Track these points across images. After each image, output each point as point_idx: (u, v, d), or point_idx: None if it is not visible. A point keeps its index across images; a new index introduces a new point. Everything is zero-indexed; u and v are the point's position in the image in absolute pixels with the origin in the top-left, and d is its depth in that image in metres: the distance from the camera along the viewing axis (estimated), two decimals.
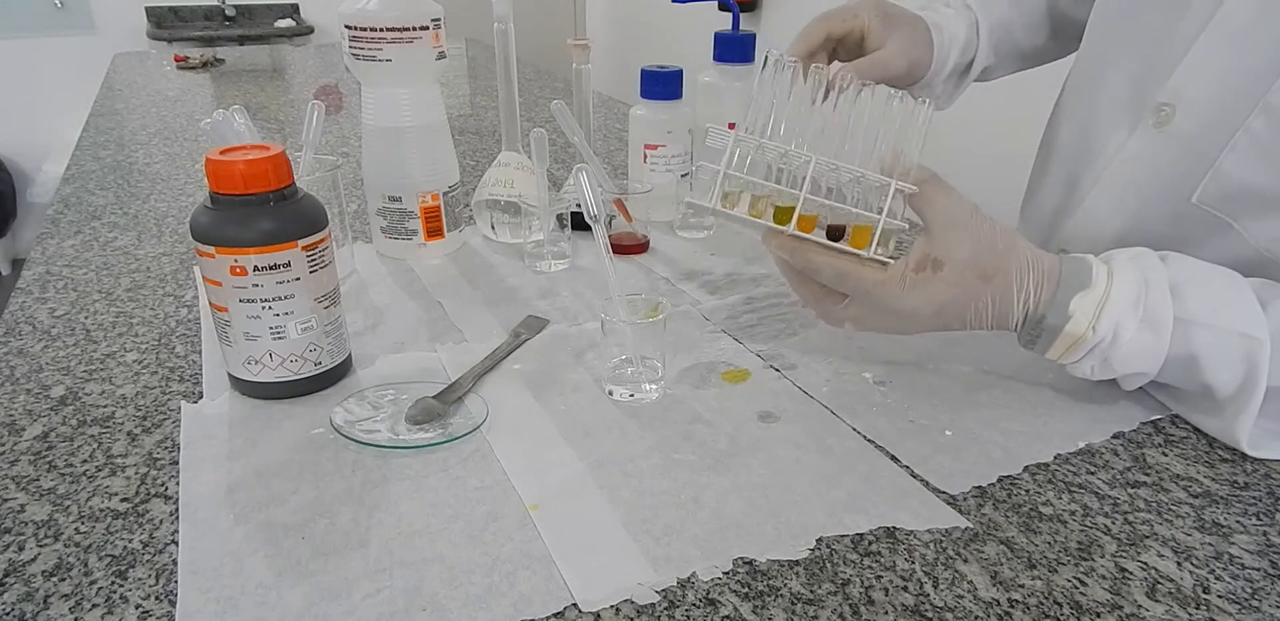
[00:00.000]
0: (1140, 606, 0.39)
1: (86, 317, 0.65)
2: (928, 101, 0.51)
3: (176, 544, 0.42)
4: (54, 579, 0.40)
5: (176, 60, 1.79)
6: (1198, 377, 0.48)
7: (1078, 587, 0.40)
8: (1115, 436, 0.51)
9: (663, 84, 0.79)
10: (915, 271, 0.49)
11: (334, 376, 0.55)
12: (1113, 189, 0.60)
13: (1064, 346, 0.49)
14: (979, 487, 0.46)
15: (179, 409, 0.53)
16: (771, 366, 0.58)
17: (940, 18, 0.68)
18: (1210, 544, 0.42)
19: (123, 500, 0.45)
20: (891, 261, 0.50)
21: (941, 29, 0.67)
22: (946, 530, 0.43)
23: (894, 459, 0.48)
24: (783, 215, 0.51)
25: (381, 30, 0.67)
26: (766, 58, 0.51)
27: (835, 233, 0.51)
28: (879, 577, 0.40)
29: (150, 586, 0.39)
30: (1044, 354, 0.50)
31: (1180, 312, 0.47)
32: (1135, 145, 0.58)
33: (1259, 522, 0.44)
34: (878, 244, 0.50)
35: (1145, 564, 0.41)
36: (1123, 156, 0.59)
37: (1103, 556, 0.41)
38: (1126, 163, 0.59)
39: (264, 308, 0.50)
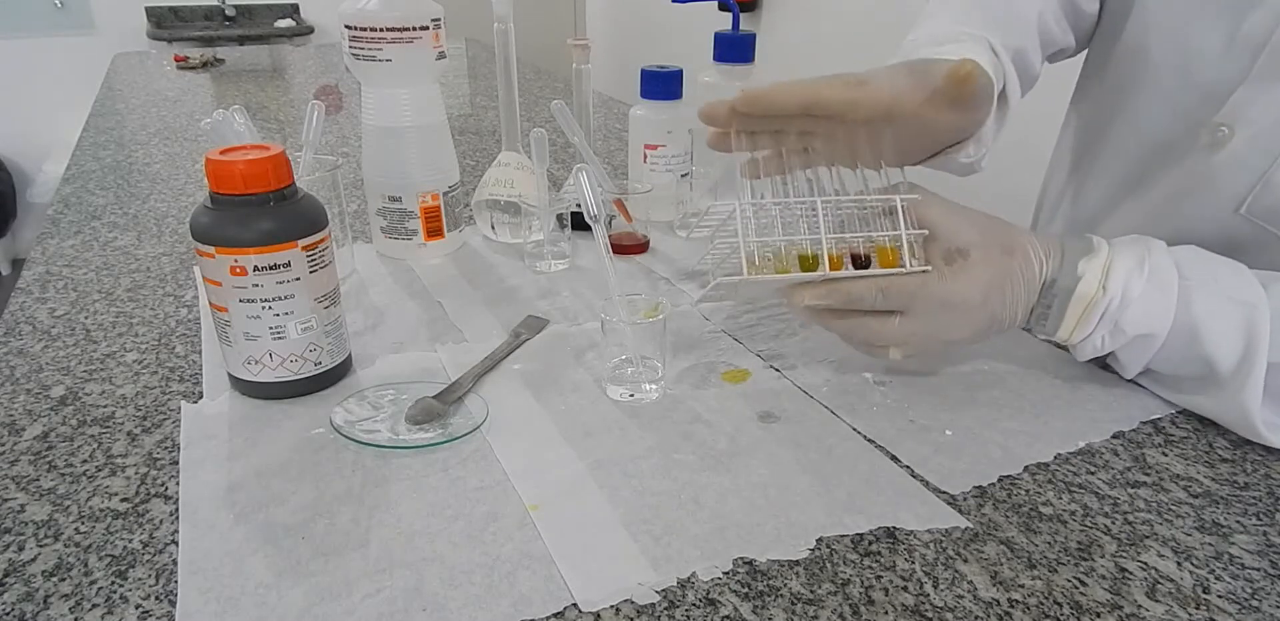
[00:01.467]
0: (1140, 606, 0.39)
1: (86, 318, 0.65)
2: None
3: (176, 544, 0.42)
4: (54, 579, 0.40)
5: (176, 60, 1.79)
6: (1198, 350, 0.48)
7: (1078, 587, 0.40)
8: (1115, 436, 0.51)
9: (663, 84, 0.79)
10: (948, 264, 0.50)
11: (334, 376, 0.55)
12: (1161, 199, 0.60)
13: (1076, 314, 0.49)
14: (979, 487, 0.46)
15: (179, 409, 0.53)
16: (771, 366, 0.58)
17: (959, 52, 0.55)
18: (1210, 544, 0.42)
19: (123, 500, 0.45)
20: (929, 268, 0.50)
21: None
22: (946, 530, 0.43)
23: (894, 459, 0.48)
24: (807, 263, 0.51)
25: (381, 30, 0.67)
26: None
27: (862, 261, 0.51)
28: (879, 577, 0.40)
29: (150, 586, 0.39)
30: (1054, 332, 0.51)
31: (1181, 281, 0.48)
32: (1186, 161, 0.58)
33: (1259, 522, 0.44)
34: (909, 256, 0.50)
35: (1145, 564, 0.41)
36: (1170, 171, 0.59)
37: (1103, 556, 0.41)
38: (1174, 177, 0.59)
39: (264, 307, 0.50)
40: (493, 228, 0.81)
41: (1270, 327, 0.46)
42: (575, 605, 0.38)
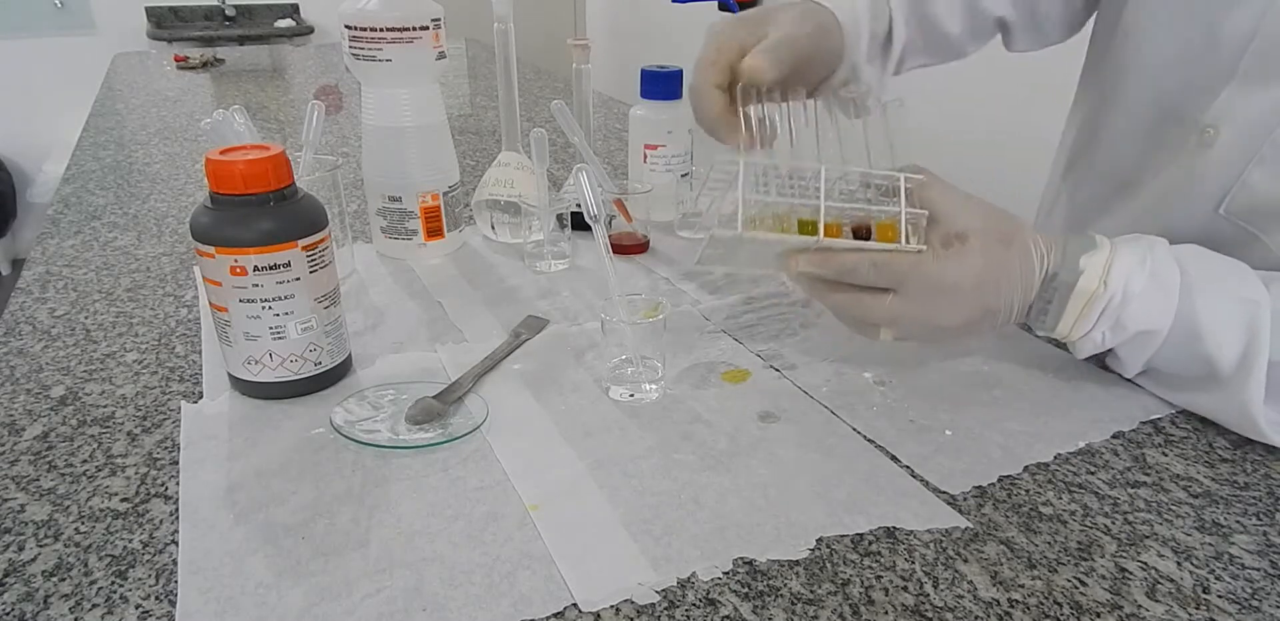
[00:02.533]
0: (1140, 606, 0.39)
1: (86, 318, 0.65)
2: (886, 105, 0.51)
3: (176, 544, 0.42)
4: (54, 579, 0.40)
5: (176, 60, 1.79)
6: (1200, 349, 0.48)
7: (1078, 587, 0.40)
8: (1115, 436, 0.51)
9: (663, 84, 0.79)
10: (944, 247, 0.49)
11: (334, 376, 0.55)
12: (1146, 198, 0.60)
13: (1077, 309, 0.49)
14: (979, 487, 0.46)
15: (179, 409, 0.53)
16: (771, 366, 0.58)
17: None
18: (1210, 544, 0.42)
19: (123, 500, 0.45)
20: (925, 248, 0.49)
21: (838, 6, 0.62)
22: (946, 530, 0.43)
23: (894, 459, 0.48)
24: (806, 228, 0.50)
25: (381, 30, 0.67)
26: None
27: (862, 232, 0.51)
28: (879, 577, 0.40)
29: (150, 586, 0.39)
30: (1054, 328, 0.50)
31: (1183, 278, 0.48)
32: (1174, 161, 0.58)
33: (1259, 522, 0.44)
34: (907, 235, 0.50)
35: (1145, 564, 0.41)
36: (1159, 171, 0.59)
37: (1103, 556, 0.41)
38: (1162, 177, 0.59)
39: (264, 307, 0.50)
40: (493, 228, 0.81)
41: (1271, 326, 0.46)
42: (575, 605, 0.38)
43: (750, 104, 0.51)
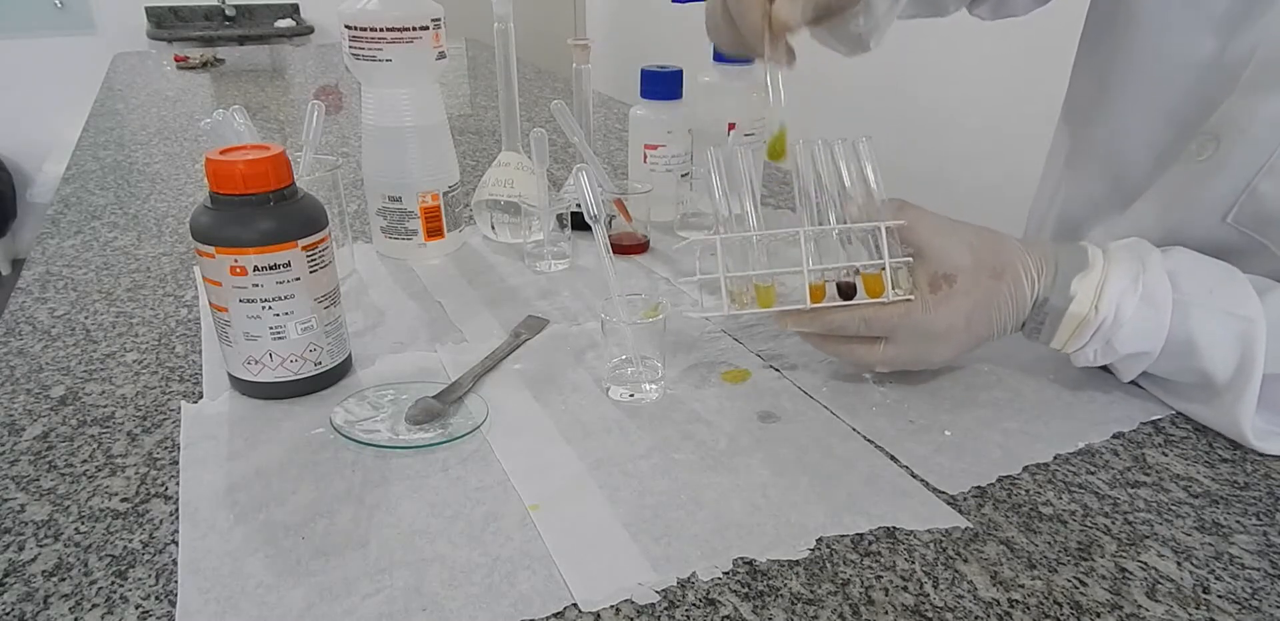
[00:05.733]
0: (1140, 606, 0.39)
1: (86, 317, 0.65)
2: (866, 138, 0.52)
3: (176, 544, 0.42)
4: (54, 579, 0.40)
5: (176, 60, 1.79)
6: (1194, 363, 0.48)
7: (1078, 587, 0.40)
8: (1115, 436, 0.51)
9: (663, 84, 0.79)
10: (933, 292, 0.50)
11: (334, 376, 0.55)
12: (1149, 207, 0.60)
13: (1069, 331, 0.50)
14: (979, 487, 0.46)
15: (179, 409, 0.53)
16: (771, 366, 0.58)
17: None
18: (1210, 544, 0.42)
19: (123, 500, 0.45)
20: (912, 297, 0.50)
21: None
22: (946, 530, 0.43)
23: (894, 459, 0.48)
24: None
25: (381, 30, 0.67)
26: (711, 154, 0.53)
27: (847, 289, 0.52)
28: (879, 577, 0.40)
29: (150, 586, 0.39)
30: (1049, 342, 0.51)
31: (1176, 295, 0.48)
32: (1175, 170, 0.58)
33: (1259, 522, 0.44)
34: (893, 285, 0.51)
35: (1145, 564, 0.41)
36: (1159, 179, 0.59)
37: (1103, 556, 0.41)
38: (1162, 185, 0.59)
39: (264, 307, 0.50)
40: (493, 228, 0.81)
41: (1267, 339, 0.46)
42: (575, 605, 0.38)
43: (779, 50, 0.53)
